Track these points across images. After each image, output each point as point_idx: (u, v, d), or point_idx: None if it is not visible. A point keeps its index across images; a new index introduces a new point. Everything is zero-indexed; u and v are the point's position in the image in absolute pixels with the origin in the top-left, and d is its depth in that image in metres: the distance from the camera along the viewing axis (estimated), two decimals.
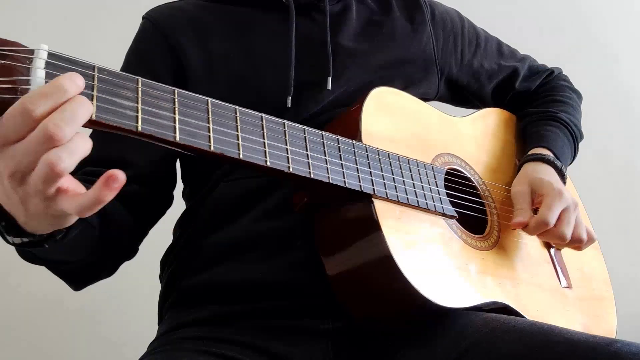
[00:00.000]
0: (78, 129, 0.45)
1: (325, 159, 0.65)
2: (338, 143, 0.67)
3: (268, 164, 0.59)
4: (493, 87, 1.02)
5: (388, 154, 0.72)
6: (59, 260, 0.65)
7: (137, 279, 0.78)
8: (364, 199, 0.68)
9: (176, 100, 0.54)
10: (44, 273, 0.66)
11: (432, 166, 0.78)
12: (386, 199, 0.69)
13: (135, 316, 1.30)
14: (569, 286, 0.89)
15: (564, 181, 0.89)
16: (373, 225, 0.67)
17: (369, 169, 0.69)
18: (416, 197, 0.72)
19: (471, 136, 0.90)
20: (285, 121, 0.63)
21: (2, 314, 1.42)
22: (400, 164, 0.73)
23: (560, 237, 0.80)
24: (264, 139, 0.59)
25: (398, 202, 0.70)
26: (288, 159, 0.61)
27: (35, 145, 0.44)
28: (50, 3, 1.50)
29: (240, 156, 0.57)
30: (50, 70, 0.47)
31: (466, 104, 1.03)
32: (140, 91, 0.51)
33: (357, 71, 0.84)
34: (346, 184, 0.66)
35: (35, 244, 0.54)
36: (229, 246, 0.76)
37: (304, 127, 0.65)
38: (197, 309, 0.76)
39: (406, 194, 0.71)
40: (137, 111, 0.50)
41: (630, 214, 1.83)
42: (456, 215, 0.77)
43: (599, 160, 1.72)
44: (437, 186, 0.77)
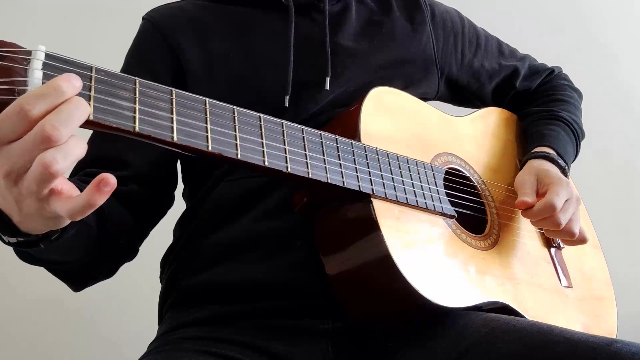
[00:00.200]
0: (74, 130, 0.45)
1: (324, 159, 0.65)
2: (336, 143, 0.67)
3: (266, 164, 0.59)
4: (493, 87, 1.02)
5: (387, 153, 0.72)
6: (55, 260, 0.65)
7: (137, 279, 0.78)
8: (363, 199, 0.68)
9: (174, 100, 0.54)
10: (44, 273, 0.66)
11: (432, 166, 0.78)
12: (385, 198, 0.69)
13: (135, 316, 1.30)
14: (569, 286, 0.88)
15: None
16: (372, 225, 0.67)
17: (368, 168, 0.69)
18: (415, 197, 0.72)
19: (471, 136, 0.90)
20: (283, 121, 0.63)
21: (2, 314, 1.42)
22: (399, 164, 0.73)
23: (554, 224, 0.80)
24: (262, 139, 0.59)
25: (397, 202, 0.70)
26: (286, 159, 0.61)
27: (31, 146, 0.44)
28: (49, 3, 1.51)
29: (239, 156, 0.57)
30: (48, 71, 0.47)
31: (466, 104, 1.03)
32: (137, 92, 0.51)
33: (357, 71, 0.84)
34: (345, 184, 0.66)
35: (31, 243, 0.54)
36: (229, 246, 0.76)
37: (303, 127, 0.65)
38: (197, 309, 0.76)
39: (405, 194, 0.71)
40: (135, 112, 0.50)
41: (630, 214, 1.82)
42: (455, 214, 0.77)
43: (599, 160, 1.71)
44: (437, 186, 0.76)
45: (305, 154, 0.63)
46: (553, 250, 0.91)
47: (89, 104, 0.48)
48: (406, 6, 0.93)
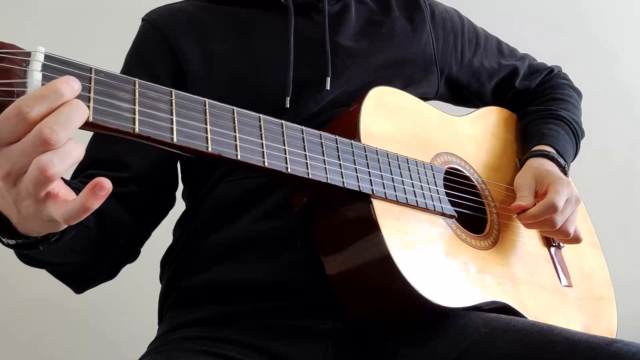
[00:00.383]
0: (72, 133, 0.45)
1: (324, 159, 0.65)
2: (336, 143, 0.67)
3: (266, 165, 0.59)
4: (493, 86, 1.02)
5: (387, 153, 0.72)
6: (55, 262, 0.65)
7: (137, 279, 0.78)
8: (363, 199, 0.68)
9: (173, 101, 0.54)
10: (44, 274, 0.66)
11: (432, 165, 0.78)
12: (385, 198, 0.69)
13: (135, 316, 1.30)
14: (569, 285, 0.88)
15: None
16: (372, 225, 0.67)
17: (368, 168, 0.69)
18: (415, 197, 0.72)
19: (471, 135, 0.90)
20: (283, 122, 0.63)
21: (2, 314, 1.42)
22: (399, 164, 0.73)
23: (551, 224, 0.80)
24: (261, 140, 0.59)
25: (397, 202, 0.70)
26: (286, 159, 0.61)
27: (30, 148, 0.44)
28: (49, 4, 1.50)
29: (238, 157, 0.57)
30: (47, 73, 0.47)
31: (466, 103, 1.03)
32: (137, 93, 0.51)
33: (357, 71, 0.84)
34: (345, 184, 0.66)
35: (30, 245, 0.55)
36: (229, 246, 0.76)
37: (302, 128, 0.65)
38: (197, 309, 0.76)
39: (405, 194, 0.71)
40: (134, 113, 0.50)
41: (631, 214, 1.82)
42: (455, 214, 0.77)
43: (599, 160, 1.71)
44: (437, 185, 0.76)
45: (305, 155, 0.63)
46: (553, 249, 0.91)
47: (88, 106, 0.48)
48: (406, 6, 0.93)
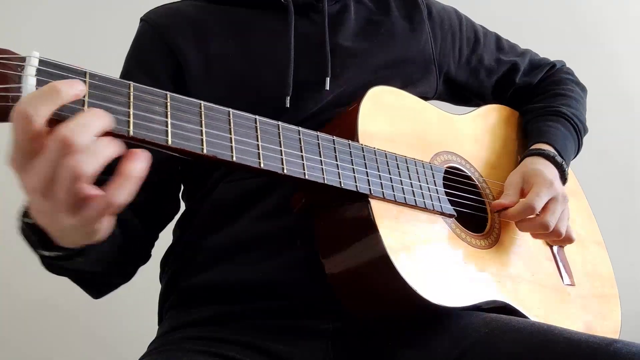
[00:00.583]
0: (93, 136, 0.45)
1: (321, 160, 0.65)
2: (334, 143, 0.67)
3: (262, 166, 0.59)
4: (493, 83, 1.01)
5: (385, 153, 0.72)
6: (86, 270, 0.66)
7: (137, 279, 0.79)
8: (361, 199, 0.68)
9: (169, 104, 0.54)
10: (43, 275, 0.66)
11: (431, 165, 0.78)
12: (383, 199, 0.69)
13: (136, 316, 1.30)
14: (571, 284, 0.88)
15: (564, 176, 0.88)
16: (370, 225, 0.67)
17: (365, 169, 0.69)
18: (414, 197, 0.72)
19: (471, 134, 0.90)
20: (279, 123, 0.63)
21: (3, 314, 1.43)
22: (397, 163, 0.73)
23: (542, 226, 0.80)
24: (257, 141, 0.59)
25: (395, 202, 0.70)
26: (282, 160, 0.61)
27: (54, 155, 0.44)
28: (45, 7, 1.51)
29: (234, 159, 0.57)
30: (42, 77, 0.47)
31: (466, 102, 1.02)
32: (132, 96, 0.51)
33: (356, 71, 0.84)
34: (342, 185, 0.66)
35: (67, 257, 0.56)
36: (229, 246, 0.76)
37: (299, 129, 0.65)
38: (197, 309, 0.77)
39: (403, 194, 0.71)
40: (129, 116, 0.51)
41: (631, 213, 1.81)
42: (455, 214, 0.77)
43: (600, 159, 1.69)
44: (436, 185, 0.76)
45: (302, 155, 0.63)
46: (555, 248, 0.90)
47: (83, 110, 0.48)
48: (404, 6, 0.93)
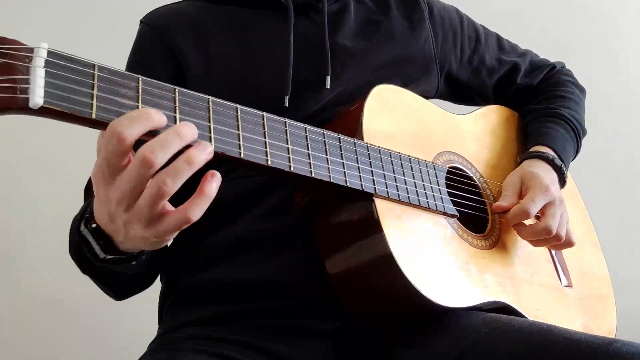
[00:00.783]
0: (169, 155, 0.49)
1: (327, 158, 0.65)
2: (339, 142, 0.67)
3: (269, 164, 0.58)
4: (494, 83, 1.01)
5: (389, 152, 0.72)
6: (130, 274, 0.67)
7: None
8: (365, 198, 0.68)
9: (177, 99, 0.53)
10: (44, 274, 0.65)
11: (434, 165, 0.78)
12: (387, 198, 0.69)
13: (136, 316, 1.29)
14: (569, 285, 0.89)
15: (563, 179, 0.89)
16: (374, 224, 0.66)
17: (370, 167, 0.68)
18: (417, 196, 0.72)
19: (473, 134, 0.90)
20: (286, 120, 0.63)
21: (3, 314, 1.41)
22: (401, 163, 0.73)
23: (545, 231, 0.80)
24: (265, 138, 0.59)
25: (399, 201, 0.70)
26: (289, 158, 0.61)
27: (134, 171, 0.48)
28: (52, 2, 1.50)
29: (242, 155, 0.56)
30: (50, 69, 0.46)
31: (467, 102, 1.03)
32: (140, 90, 0.51)
33: (356, 70, 0.84)
34: (347, 183, 0.65)
35: (121, 260, 0.60)
36: (230, 246, 0.76)
37: (305, 126, 0.64)
38: (198, 309, 0.76)
39: (407, 193, 0.71)
40: None
41: (631, 212, 1.83)
42: (457, 214, 0.77)
43: (600, 159, 1.71)
44: (439, 185, 0.76)
45: (308, 153, 0.63)
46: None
47: (92, 103, 0.48)
48: (405, 5, 0.93)
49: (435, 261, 0.70)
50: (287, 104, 0.77)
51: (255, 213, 0.76)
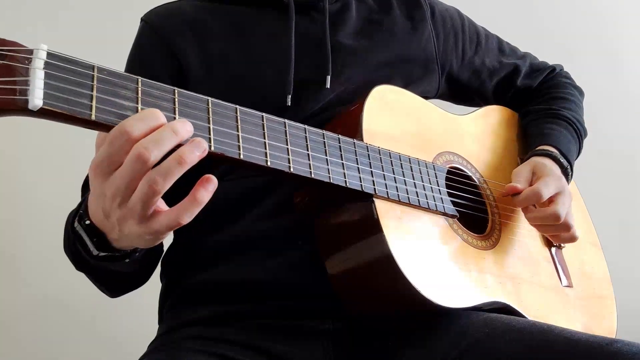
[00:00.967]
0: (164, 152, 0.48)
1: (326, 159, 0.65)
2: (339, 142, 0.67)
3: (269, 164, 0.58)
4: (494, 85, 1.02)
5: (389, 153, 0.72)
6: (124, 271, 0.67)
7: None
8: (365, 199, 0.68)
9: (176, 100, 0.53)
10: (44, 274, 0.66)
11: (434, 165, 0.78)
12: (387, 198, 0.69)
13: (136, 316, 1.30)
14: (569, 285, 0.89)
15: (568, 179, 0.89)
16: (374, 225, 0.66)
17: (370, 168, 0.68)
18: (417, 197, 0.72)
19: (473, 134, 0.90)
20: (286, 120, 0.63)
21: (3, 314, 1.41)
22: (401, 163, 0.73)
23: (553, 216, 0.80)
24: (264, 139, 0.59)
25: (399, 202, 0.70)
26: (289, 159, 0.61)
27: (129, 167, 0.48)
28: (51, 3, 1.50)
29: (241, 156, 0.56)
30: (50, 71, 0.46)
31: (467, 102, 1.03)
32: (140, 91, 0.51)
33: (357, 70, 0.84)
34: (347, 184, 0.65)
35: (115, 258, 0.60)
36: (230, 245, 0.76)
37: (305, 127, 0.64)
38: (198, 309, 0.76)
39: (407, 194, 0.71)
40: (137, 111, 0.50)
41: (631, 213, 1.83)
42: (457, 214, 0.77)
43: (600, 159, 1.71)
44: (439, 185, 0.76)
45: (308, 154, 0.63)
46: (554, 249, 0.91)
47: (91, 105, 0.48)
48: (406, 4, 0.93)
49: (435, 261, 0.70)
50: (289, 103, 0.77)
51: (255, 213, 0.76)
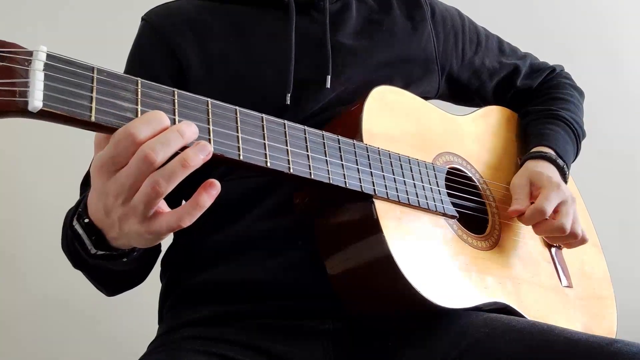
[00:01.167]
0: (170, 153, 0.49)
1: (326, 160, 0.65)
2: (339, 143, 0.67)
3: (268, 165, 0.58)
4: (494, 85, 1.02)
5: (389, 153, 0.72)
6: (121, 270, 0.67)
7: None
8: (365, 200, 0.68)
9: (176, 101, 0.53)
10: (44, 274, 0.66)
11: (433, 165, 0.78)
12: (387, 199, 0.69)
13: (135, 316, 1.30)
14: (569, 285, 0.89)
15: (565, 179, 0.89)
16: (374, 225, 0.67)
17: (370, 169, 0.69)
18: (417, 197, 0.72)
19: (472, 135, 0.90)
20: (285, 121, 0.63)
21: (3, 314, 1.42)
22: (401, 164, 0.73)
23: (559, 229, 0.80)
24: (264, 140, 0.59)
25: (399, 203, 0.70)
26: (288, 160, 0.61)
27: (134, 168, 0.48)
28: (51, 4, 1.50)
29: (241, 157, 0.56)
30: (49, 72, 0.46)
31: (467, 102, 1.03)
32: (139, 92, 0.51)
33: (357, 69, 0.84)
34: (347, 185, 0.66)
35: (113, 257, 0.60)
36: (230, 246, 0.76)
37: (305, 127, 0.64)
38: (198, 309, 0.76)
39: (407, 194, 0.71)
40: (137, 113, 0.50)
41: (631, 213, 1.82)
42: (457, 215, 0.77)
43: (601, 159, 1.71)
44: (438, 186, 0.76)
45: (307, 155, 0.63)
46: (553, 250, 0.91)
47: (90, 106, 0.48)
48: (406, 4, 0.93)
49: (435, 262, 0.70)
50: (289, 103, 0.77)
51: (255, 213, 0.76)
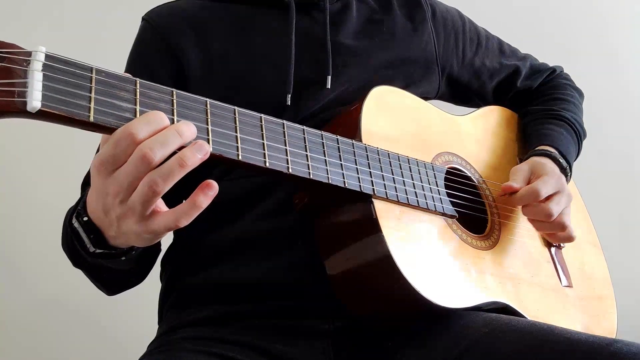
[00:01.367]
0: (168, 153, 0.49)
1: (325, 160, 0.65)
2: (338, 143, 0.67)
3: (267, 165, 0.58)
4: (494, 86, 1.02)
5: (388, 153, 0.72)
6: (120, 269, 0.67)
7: None
8: (364, 199, 0.68)
9: (175, 101, 0.54)
10: (44, 274, 0.66)
11: (433, 165, 0.78)
12: (386, 199, 0.69)
13: (135, 316, 1.30)
14: (569, 285, 0.89)
15: (567, 179, 0.89)
16: (373, 225, 0.67)
17: (369, 169, 0.69)
18: (416, 197, 0.72)
19: (472, 135, 0.90)
20: (284, 121, 0.63)
21: (3, 314, 1.42)
22: (400, 164, 0.73)
23: (546, 214, 0.80)
24: (263, 140, 0.59)
25: (398, 202, 0.70)
26: (287, 160, 0.61)
27: (132, 167, 0.49)
28: (51, 4, 1.50)
29: (239, 157, 0.56)
30: (48, 73, 0.46)
31: (467, 103, 1.03)
32: (138, 92, 0.51)
33: (357, 70, 0.84)
34: (346, 185, 0.66)
35: (111, 255, 0.60)
36: (230, 246, 0.76)
37: (304, 128, 0.65)
38: (197, 309, 0.77)
39: (406, 194, 0.71)
40: (135, 113, 0.50)
41: (631, 213, 1.82)
42: (456, 215, 0.77)
43: (600, 159, 1.71)
44: (438, 186, 0.76)
45: (306, 155, 0.63)
46: (553, 249, 0.91)
47: (89, 106, 0.48)
48: (407, 5, 0.93)
49: (434, 262, 0.70)
50: (289, 102, 0.77)
51: (255, 213, 0.76)
